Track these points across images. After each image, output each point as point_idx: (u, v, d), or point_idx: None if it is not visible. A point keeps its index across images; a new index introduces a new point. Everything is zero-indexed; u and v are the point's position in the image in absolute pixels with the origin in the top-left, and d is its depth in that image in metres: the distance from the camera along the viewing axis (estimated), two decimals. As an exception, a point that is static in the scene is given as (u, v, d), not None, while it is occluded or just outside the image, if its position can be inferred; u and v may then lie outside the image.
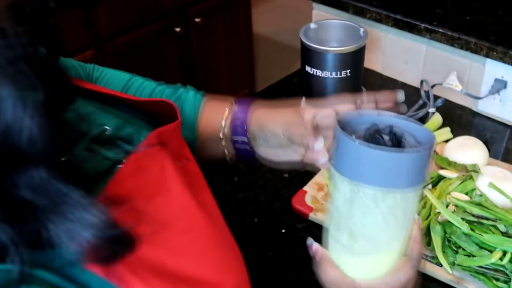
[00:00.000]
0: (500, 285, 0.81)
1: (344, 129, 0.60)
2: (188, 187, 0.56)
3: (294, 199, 0.99)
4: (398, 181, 0.58)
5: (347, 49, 1.06)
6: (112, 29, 1.98)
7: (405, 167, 0.58)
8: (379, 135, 0.61)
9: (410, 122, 0.63)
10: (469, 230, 0.84)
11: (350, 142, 0.57)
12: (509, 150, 1.13)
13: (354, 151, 0.57)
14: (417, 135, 0.63)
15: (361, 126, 0.63)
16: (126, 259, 0.44)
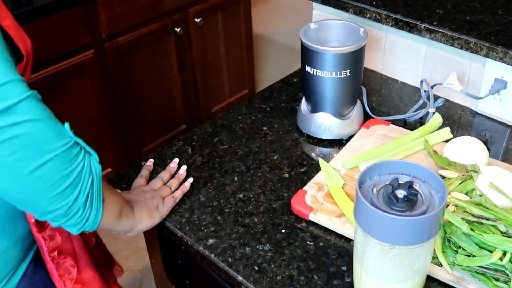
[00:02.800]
0: (500, 285, 0.81)
1: (369, 175, 0.71)
2: None
3: (294, 199, 0.99)
4: (401, 239, 0.66)
5: (347, 49, 1.06)
6: (112, 29, 1.98)
7: (408, 229, 0.65)
8: (397, 190, 0.68)
9: (435, 177, 0.71)
10: (469, 230, 0.84)
11: (362, 201, 0.67)
12: (509, 150, 1.13)
13: (365, 208, 0.67)
14: (434, 185, 0.70)
15: (386, 177, 0.72)
16: None
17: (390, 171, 0.72)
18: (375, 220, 0.66)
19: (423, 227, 0.66)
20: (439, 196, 0.69)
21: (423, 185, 0.70)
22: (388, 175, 0.72)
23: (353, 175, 1.04)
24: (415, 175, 0.72)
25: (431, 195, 0.69)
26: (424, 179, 0.71)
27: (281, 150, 1.14)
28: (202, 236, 0.95)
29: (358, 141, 1.13)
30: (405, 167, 0.73)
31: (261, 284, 0.87)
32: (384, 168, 0.73)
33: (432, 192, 0.70)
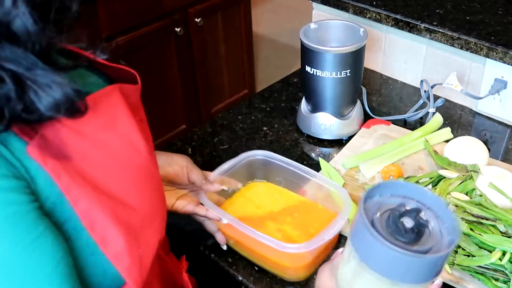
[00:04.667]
0: (499, 285, 0.81)
1: (373, 195, 0.62)
2: (141, 132, 0.64)
3: (294, 199, 0.99)
4: (404, 276, 0.58)
5: (347, 49, 1.06)
6: (112, 29, 1.98)
7: (412, 267, 0.58)
8: (403, 217, 0.60)
9: (445, 209, 0.62)
10: (469, 230, 0.84)
11: (363, 227, 0.58)
12: (509, 150, 1.13)
13: (366, 235, 0.58)
14: (447, 224, 0.62)
15: (392, 199, 0.63)
16: (69, 167, 0.55)
17: (394, 193, 0.65)
18: (379, 251, 0.58)
19: (430, 268, 0.59)
20: (446, 227, 0.61)
21: (429, 213, 0.63)
22: (390, 197, 0.64)
23: (353, 175, 1.04)
24: (423, 201, 0.64)
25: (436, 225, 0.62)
26: (431, 206, 0.64)
27: (281, 150, 1.14)
28: (202, 236, 0.95)
29: (358, 141, 1.13)
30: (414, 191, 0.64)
31: (261, 284, 0.87)
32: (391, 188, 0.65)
33: (436, 221, 0.62)
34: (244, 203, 0.95)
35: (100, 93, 0.62)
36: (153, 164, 0.68)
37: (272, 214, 0.93)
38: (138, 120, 0.68)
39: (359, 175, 1.04)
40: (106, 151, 0.61)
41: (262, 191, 0.98)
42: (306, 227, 0.90)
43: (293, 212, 0.93)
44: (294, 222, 0.91)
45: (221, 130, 1.21)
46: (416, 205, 0.62)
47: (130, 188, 0.62)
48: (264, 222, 0.91)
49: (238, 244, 0.90)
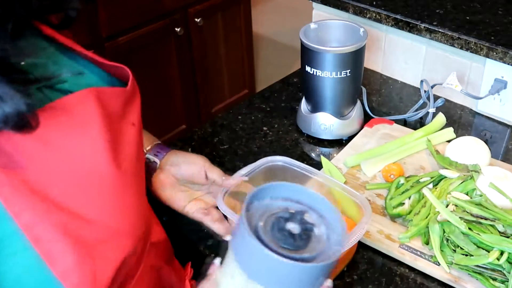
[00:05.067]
0: (497, 284, 0.81)
1: (259, 198, 0.58)
2: (110, 144, 0.60)
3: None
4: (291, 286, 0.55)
5: (347, 49, 1.06)
6: (112, 29, 1.98)
7: (298, 276, 0.54)
8: (287, 224, 0.56)
9: (335, 214, 0.60)
10: (467, 229, 0.85)
11: (245, 237, 0.54)
12: (509, 150, 1.13)
13: (248, 245, 0.54)
14: (335, 228, 0.59)
15: (276, 202, 0.59)
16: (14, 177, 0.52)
17: (283, 196, 0.61)
18: (262, 261, 0.54)
19: (319, 273, 0.55)
20: (334, 234, 0.58)
21: (316, 216, 0.59)
22: (277, 200, 0.60)
23: (354, 174, 1.04)
24: (312, 205, 0.61)
25: (324, 230, 0.58)
26: (319, 209, 0.61)
27: (281, 150, 1.14)
28: (203, 236, 0.95)
29: (360, 140, 1.13)
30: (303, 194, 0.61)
31: (261, 283, 0.87)
32: (278, 191, 0.61)
33: (324, 225, 0.59)
34: None
35: (71, 97, 0.59)
36: (127, 175, 0.63)
37: None
38: (130, 124, 0.66)
39: (361, 174, 1.04)
40: (66, 160, 0.57)
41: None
42: None
43: None
44: None
45: (221, 130, 1.21)
46: (302, 208, 0.59)
47: (90, 201, 0.58)
48: None
49: None
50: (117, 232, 0.61)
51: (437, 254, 0.85)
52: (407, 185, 0.97)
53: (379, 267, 0.89)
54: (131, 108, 0.68)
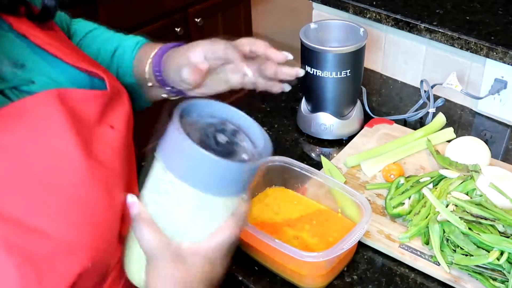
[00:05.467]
0: (497, 284, 0.81)
1: (188, 113, 0.59)
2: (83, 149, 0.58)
3: (294, 199, 0.99)
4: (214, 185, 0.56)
5: (347, 49, 1.06)
6: (112, 29, 1.98)
7: (224, 173, 0.56)
8: (216, 134, 0.59)
9: (258, 129, 0.62)
10: (467, 229, 0.85)
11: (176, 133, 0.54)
12: (509, 150, 1.13)
13: (182, 145, 0.54)
14: (258, 143, 0.61)
15: (206, 119, 0.61)
16: None
17: (212, 114, 0.62)
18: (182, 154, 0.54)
19: (242, 174, 0.57)
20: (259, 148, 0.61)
21: (242, 133, 0.62)
22: (206, 117, 0.61)
23: (354, 173, 1.04)
24: (237, 123, 0.63)
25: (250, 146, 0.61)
26: (245, 128, 0.63)
27: (281, 150, 1.14)
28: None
29: (360, 139, 1.13)
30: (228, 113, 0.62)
31: (261, 284, 0.87)
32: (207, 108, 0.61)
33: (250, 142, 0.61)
34: (262, 209, 0.94)
35: (29, 100, 0.56)
36: (95, 181, 0.59)
37: (290, 221, 0.92)
38: (107, 127, 0.63)
39: (361, 174, 1.04)
40: (19, 166, 0.54)
41: (280, 198, 0.97)
42: (325, 235, 0.88)
43: (312, 220, 0.92)
44: (312, 229, 0.90)
45: (221, 130, 1.21)
46: (228, 124, 0.62)
47: (45, 211, 0.54)
48: (282, 229, 0.90)
49: (255, 251, 0.88)
50: (74, 246, 0.56)
51: (437, 254, 0.85)
52: (407, 185, 0.97)
53: (379, 267, 0.89)
54: (111, 111, 0.65)
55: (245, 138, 0.61)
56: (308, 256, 0.78)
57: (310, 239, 0.88)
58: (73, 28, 0.90)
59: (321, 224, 0.91)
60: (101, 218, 0.59)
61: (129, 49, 0.88)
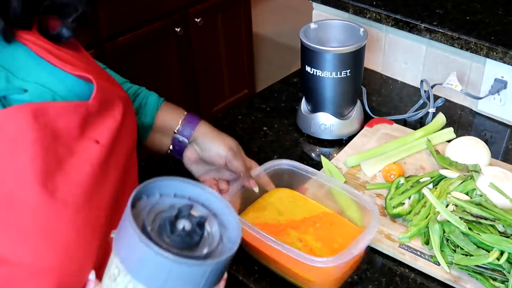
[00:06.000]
0: (497, 284, 0.81)
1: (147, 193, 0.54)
2: (43, 169, 0.54)
3: (294, 198, 0.99)
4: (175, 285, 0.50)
5: (347, 49, 1.06)
6: (112, 29, 1.98)
7: (183, 274, 0.50)
8: (180, 220, 0.52)
9: (228, 210, 0.56)
10: (467, 229, 0.85)
11: (130, 229, 0.49)
12: (509, 150, 1.13)
13: (130, 239, 0.49)
14: (228, 225, 0.55)
15: (171, 200, 0.55)
16: None
17: (176, 193, 0.57)
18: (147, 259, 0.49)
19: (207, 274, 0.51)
20: (228, 234, 0.55)
21: (209, 214, 0.56)
22: (169, 197, 0.56)
23: (354, 173, 1.04)
24: (205, 203, 0.57)
25: (217, 230, 0.55)
26: (217, 211, 0.57)
27: (281, 150, 1.14)
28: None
29: (360, 139, 1.13)
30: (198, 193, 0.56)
31: (261, 284, 0.87)
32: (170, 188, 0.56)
33: (218, 226, 0.55)
34: (266, 208, 0.93)
35: (1, 114, 0.54)
36: (65, 203, 0.56)
37: (294, 222, 0.90)
38: (91, 141, 0.60)
39: (361, 174, 1.04)
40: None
41: (285, 198, 0.96)
42: (329, 239, 0.87)
43: (316, 223, 0.90)
44: (316, 233, 0.88)
45: (221, 130, 1.21)
46: (192, 205, 0.55)
47: (4, 237, 0.51)
48: (285, 230, 0.89)
49: (258, 252, 0.86)
50: (38, 270, 0.54)
51: (437, 254, 0.85)
52: (407, 185, 0.97)
53: (379, 267, 0.89)
54: (95, 124, 0.62)
55: (214, 224, 0.55)
56: (319, 261, 0.76)
57: (314, 242, 0.87)
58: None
59: (325, 228, 0.89)
60: (68, 240, 0.57)
61: (153, 97, 0.95)
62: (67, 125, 0.58)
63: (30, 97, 0.59)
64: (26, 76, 0.60)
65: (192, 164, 0.93)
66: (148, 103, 0.92)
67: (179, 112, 0.94)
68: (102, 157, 0.61)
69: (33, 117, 0.55)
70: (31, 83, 0.59)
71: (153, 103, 0.92)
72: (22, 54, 0.61)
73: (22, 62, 0.61)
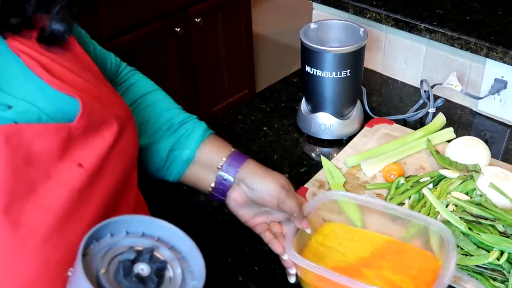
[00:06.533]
0: (497, 284, 0.81)
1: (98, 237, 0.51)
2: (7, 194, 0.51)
3: (294, 198, 0.99)
4: None
5: (347, 49, 1.06)
6: (112, 29, 1.98)
7: None
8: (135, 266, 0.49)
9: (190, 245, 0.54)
10: (467, 229, 0.85)
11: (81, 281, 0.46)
12: (509, 150, 1.13)
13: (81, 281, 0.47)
14: (191, 262, 0.53)
15: (133, 240, 0.52)
16: None
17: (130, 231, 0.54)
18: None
19: None
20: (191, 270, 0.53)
21: (169, 253, 0.53)
22: (125, 236, 0.53)
23: (354, 173, 1.04)
24: (164, 239, 0.54)
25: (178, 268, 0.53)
26: (184, 254, 0.54)
27: (281, 150, 1.14)
28: (203, 236, 0.95)
29: (361, 139, 1.13)
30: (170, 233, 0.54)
31: (261, 284, 0.87)
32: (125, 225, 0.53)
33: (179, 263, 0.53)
34: (328, 253, 0.85)
35: None
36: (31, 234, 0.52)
37: (363, 260, 0.83)
38: (74, 164, 0.57)
39: (361, 174, 1.05)
40: None
41: (340, 236, 0.87)
42: (407, 269, 0.81)
43: (385, 255, 0.83)
44: (391, 265, 0.82)
45: (221, 130, 1.21)
46: (151, 245, 0.52)
47: None
48: (359, 271, 0.81)
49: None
50: None
51: (437, 254, 0.85)
52: (407, 185, 0.97)
53: (379, 267, 0.89)
54: (79, 146, 0.59)
55: (178, 267, 0.52)
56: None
57: (393, 276, 0.80)
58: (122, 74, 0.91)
59: (396, 258, 0.83)
60: (32, 272, 0.53)
61: (201, 128, 0.86)
62: (44, 147, 0.55)
63: (13, 115, 0.57)
64: (15, 92, 0.58)
65: (239, 207, 0.84)
66: (193, 134, 0.84)
67: (225, 147, 0.85)
68: (84, 181, 0.58)
69: (5, 140, 0.52)
70: (18, 99, 0.57)
71: (198, 135, 0.84)
72: (13, 67, 0.59)
73: (12, 76, 0.59)
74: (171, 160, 0.83)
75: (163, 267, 0.50)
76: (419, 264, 0.82)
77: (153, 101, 0.90)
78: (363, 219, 0.88)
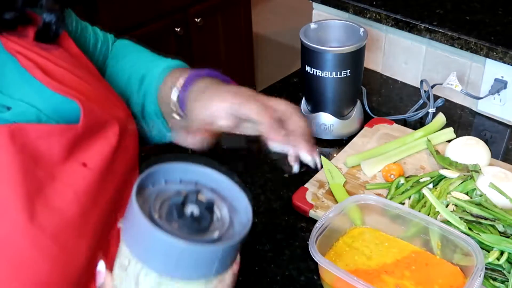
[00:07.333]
0: (497, 284, 0.81)
1: (152, 182, 0.52)
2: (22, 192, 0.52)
3: (295, 196, 0.99)
4: (182, 270, 0.49)
5: (347, 49, 1.06)
6: (112, 29, 1.98)
7: (187, 259, 0.49)
8: (188, 205, 0.51)
9: (239, 193, 0.54)
10: (467, 229, 0.84)
11: (136, 215, 0.48)
12: (509, 150, 1.13)
13: (137, 225, 0.49)
14: (239, 208, 0.54)
15: (176, 186, 0.53)
16: None
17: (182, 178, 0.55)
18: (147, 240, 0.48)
19: (212, 257, 0.49)
20: (239, 215, 0.53)
21: (218, 198, 0.54)
22: (176, 183, 0.54)
23: (354, 173, 1.05)
24: (217, 188, 0.55)
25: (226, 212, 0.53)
26: (226, 194, 0.55)
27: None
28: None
29: (360, 139, 1.13)
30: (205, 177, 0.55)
31: (261, 284, 0.87)
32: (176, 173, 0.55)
33: (228, 208, 0.54)
34: (353, 254, 0.85)
35: None
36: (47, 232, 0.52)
37: (387, 266, 0.82)
38: (78, 164, 0.57)
39: (361, 174, 1.05)
40: None
41: (370, 240, 0.87)
42: (429, 283, 0.79)
43: (410, 265, 0.82)
44: (413, 276, 0.80)
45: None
46: (199, 189, 0.54)
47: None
48: (379, 277, 0.80)
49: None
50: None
51: (437, 254, 0.85)
52: (407, 185, 0.97)
53: (379, 267, 0.89)
54: (84, 146, 0.58)
55: (224, 207, 0.53)
56: None
57: (412, 287, 0.79)
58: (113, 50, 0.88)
59: (421, 270, 0.82)
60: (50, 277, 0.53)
61: (156, 75, 0.80)
62: (49, 148, 0.55)
63: (11, 116, 0.56)
64: (13, 93, 0.58)
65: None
66: (151, 88, 0.79)
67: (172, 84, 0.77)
68: (90, 182, 0.57)
69: (10, 139, 0.52)
70: (16, 100, 0.57)
71: (153, 88, 0.79)
72: (11, 69, 0.58)
73: (10, 78, 0.58)
74: (150, 120, 0.78)
75: (211, 206, 0.51)
76: (444, 279, 0.80)
77: (124, 67, 0.86)
78: (362, 217, 0.89)
